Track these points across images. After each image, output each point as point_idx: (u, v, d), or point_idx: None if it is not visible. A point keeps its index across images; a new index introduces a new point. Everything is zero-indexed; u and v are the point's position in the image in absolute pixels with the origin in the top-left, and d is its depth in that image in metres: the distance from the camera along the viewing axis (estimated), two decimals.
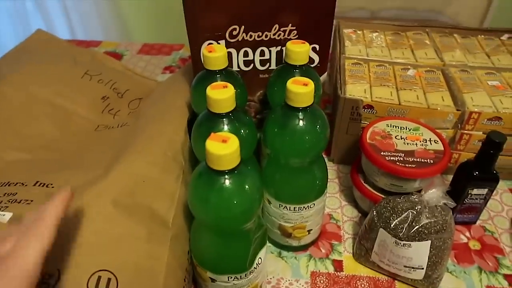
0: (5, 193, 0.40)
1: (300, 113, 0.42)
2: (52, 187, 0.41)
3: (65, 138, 0.55)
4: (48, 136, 0.54)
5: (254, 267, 0.41)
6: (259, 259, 0.42)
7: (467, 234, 0.56)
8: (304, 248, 0.54)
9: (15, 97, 0.57)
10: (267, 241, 0.49)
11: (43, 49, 0.73)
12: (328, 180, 0.64)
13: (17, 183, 0.41)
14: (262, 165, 0.51)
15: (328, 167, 0.49)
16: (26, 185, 0.41)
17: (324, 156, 0.58)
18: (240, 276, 0.41)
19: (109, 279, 0.35)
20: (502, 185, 0.63)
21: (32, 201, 0.39)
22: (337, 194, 0.62)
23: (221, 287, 0.42)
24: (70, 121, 0.59)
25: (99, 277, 0.35)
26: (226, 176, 0.34)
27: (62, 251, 0.34)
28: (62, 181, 0.42)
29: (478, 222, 0.58)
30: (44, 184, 0.41)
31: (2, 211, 0.37)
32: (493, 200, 0.61)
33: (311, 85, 0.41)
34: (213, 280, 0.42)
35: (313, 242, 0.54)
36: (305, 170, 0.46)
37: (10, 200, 0.38)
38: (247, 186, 0.36)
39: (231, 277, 0.41)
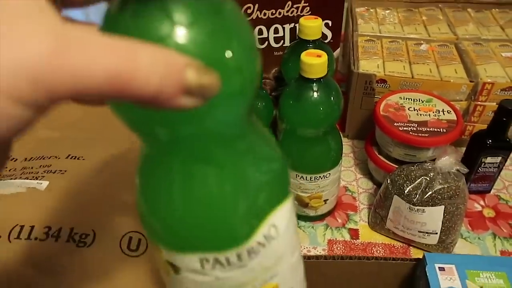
0: (41, 165, 0.43)
1: (314, 84, 0.44)
2: (83, 159, 0.44)
3: (90, 117, 0.58)
4: (74, 115, 0.57)
5: (259, 242, 0.21)
6: (272, 227, 0.21)
7: (482, 202, 0.57)
8: (320, 218, 0.56)
9: None
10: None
11: None
12: (344, 154, 0.65)
13: (50, 157, 0.44)
14: (279, 140, 0.53)
15: (343, 143, 0.51)
16: (59, 158, 0.44)
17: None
18: (227, 258, 0.20)
19: (139, 240, 0.38)
20: None
21: (66, 171, 0.42)
22: (352, 167, 0.64)
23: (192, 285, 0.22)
24: None
25: (131, 238, 0.37)
26: None
27: (97, 213, 0.37)
28: (92, 154, 0.45)
29: (493, 191, 0.59)
30: (76, 157, 0.44)
31: (40, 180, 0.40)
32: (507, 171, 0.62)
33: (325, 56, 0.42)
34: (175, 270, 0.22)
35: (330, 213, 0.56)
36: (320, 140, 0.48)
37: (46, 171, 0.42)
38: None
39: (206, 260, 0.20)
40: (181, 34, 0.15)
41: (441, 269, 0.34)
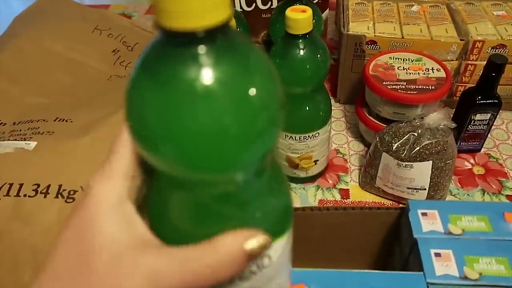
0: (29, 128, 0.43)
1: (300, 40, 0.43)
2: (71, 121, 0.44)
3: (80, 86, 0.58)
4: (64, 84, 0.57)
5: (251, 270, 0.21)
6: (266, 258, 0.21)
7: (472, 161, 0.58)
8: (311, 179, 0.56)
9: (31, 50, 0.60)
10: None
11: (53, 9, 0.75)
12: (335, 119, 0.66)
13: (38, 120, 0.45)
14: None
15: (334, 108, 0.50)
16: (47, 121, 0.44)
17: (331, 97, 0.59)
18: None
19: None
20: (508, 115, 0.64)
21: (53, 132, 0.42)
22: (344, 131, 0.64)
23: None
24: (84, 72, 0.61)
25: None
26: None
27: (85, 171, 0.38)
28: (80, 117, 0.45)
29: (483, 150, 0.59)
30: (64, 119, 0.45)
31: (28, 141, 0.40)
32: (498, 130, 0.62)
33: (309, 11, 0.42)
34: None
35: (320, 174, 0.57)
36: (308, 99, 0.48)
37: (34, 132, 0.42)
38: None
39: None
40: (208, 76, 0.15)
41: (424, 214, 0.34)
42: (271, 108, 0.16)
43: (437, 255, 0.32)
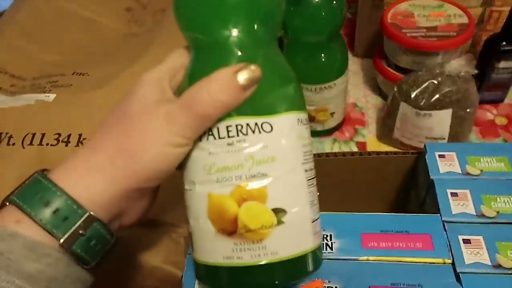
0: (47, 82, 0.44)
1: None
2: (88, 75, 0.45)
3: (95, 44, 0.58)
4: (80, 42, 0.57)
5: (249, 124, 0.22)
6: (267, 124, 0.22)
7: (494, 111, 0.56)
8: (328, 133, 0.56)
9: (47, 10, 0.60)
10: None
11: None
12: (353, 73, 0.64)
13: (57, 75, 0.46)
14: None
15: (352, 62, 0.49)
16: (65, 75, 0.45)
17: (348, 51, 0.57)
18: (218, 129, 0.23)
19: None
20: None
21: (71, 85, 0.43)
22: (362, 85, 0.63)
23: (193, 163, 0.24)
24: (99, 31, 0.62)
25: None
26: None
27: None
28: (96, 71, 0.46)
29: (506, 100, 0.57)
30: (81, 73, 0.45)
31: (47, 93, 0.41)
32: None
33: None
34: None
35: (337, 127, 0.56)
36: (324, 48, 0.47)
37: (53, 86, 0.43)
38: None
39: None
40: None
41: (441, 156, 0.34)
42: None
43: (454, 194, 0.31)
